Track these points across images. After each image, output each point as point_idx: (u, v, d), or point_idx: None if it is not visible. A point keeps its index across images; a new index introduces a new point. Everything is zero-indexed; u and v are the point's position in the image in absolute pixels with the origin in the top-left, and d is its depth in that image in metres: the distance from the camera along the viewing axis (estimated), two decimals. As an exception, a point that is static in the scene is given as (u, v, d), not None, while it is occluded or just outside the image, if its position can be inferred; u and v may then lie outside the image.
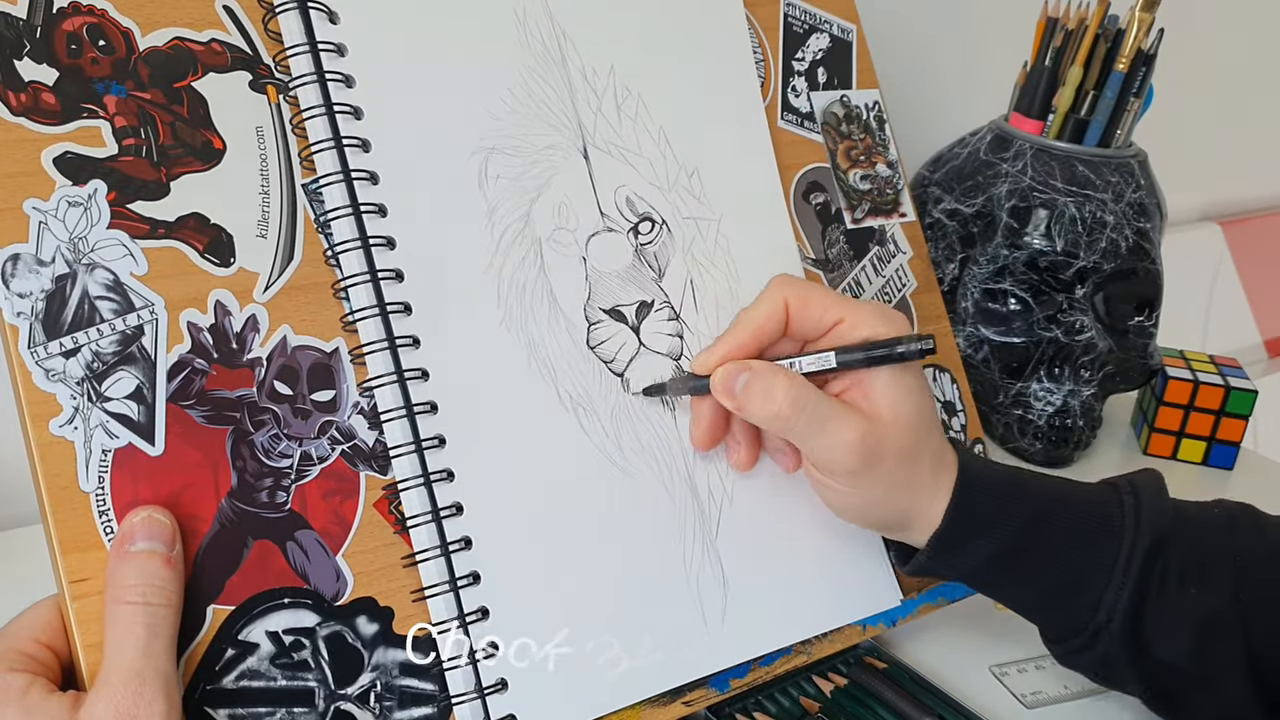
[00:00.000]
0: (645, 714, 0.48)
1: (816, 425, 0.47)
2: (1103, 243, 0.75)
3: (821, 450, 0.48)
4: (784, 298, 0.49)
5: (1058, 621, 0.51)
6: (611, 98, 0.53)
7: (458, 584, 0.45)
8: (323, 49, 0.46)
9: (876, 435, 0.47)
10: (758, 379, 0.48)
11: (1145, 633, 0.49)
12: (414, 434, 0.45)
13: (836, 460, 0.48)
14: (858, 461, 0.47)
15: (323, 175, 0.45)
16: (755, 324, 0.49)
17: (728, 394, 0.48)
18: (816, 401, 0.47)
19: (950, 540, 0.49)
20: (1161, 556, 0.48)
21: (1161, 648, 0.49)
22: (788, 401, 0.47)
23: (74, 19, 0.42)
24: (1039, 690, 0.58)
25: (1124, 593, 0.48)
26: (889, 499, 0.49)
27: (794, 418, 0.47)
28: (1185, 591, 0.48)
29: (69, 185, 0.41)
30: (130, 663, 0.37)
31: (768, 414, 0.47)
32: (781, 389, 0.47)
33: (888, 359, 0.47)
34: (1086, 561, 0.49)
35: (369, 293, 0.45)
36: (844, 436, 0.47)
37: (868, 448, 0.47)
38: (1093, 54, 0.75)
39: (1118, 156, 0.76)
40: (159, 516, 0.40)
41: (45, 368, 0.40)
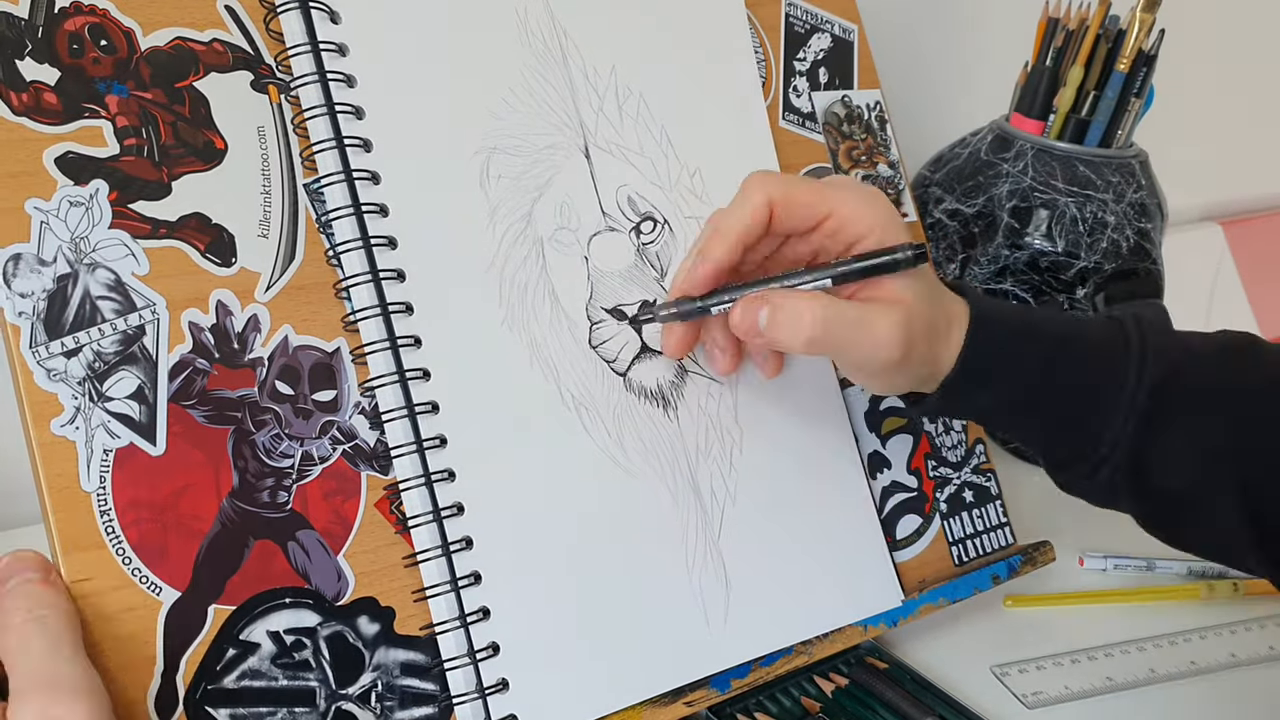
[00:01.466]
0: (646, 714, 0.48)
1: (851, 337, 0.46)
2: (1104, 243, 0.75)
3: (862, 355, 0.47)
4: (767, 198, 0.47)
5: (1060, 456, 0.52)
6: (613, 97, 0.53)
7: (459, 584, 0.45)
8: (324, 49, 0.46)
9: (907, 321, 0.47)
10: (780, 311, 0.46)
11: (1146, 464, 0.49)
12: (415, 434, 0.45)
13: (877, 357, 0.47)
14: (901, 349, 0.47)
15: (324, 175, 0.45)
16: (739, 233, 0.47)
17: (753, 332, 0.47)
18: (844, 312, 0.46)
19: (961, 385, 0.50)
20: (1165, 394, 0.49)
21: (1161, 476, 0.49)
22: (819, 326, 0.45)
23: (76, 19, 0.42)
24: (1040, 691, 0.58)
25: (1127, 429, 0.49)
26: (920, 366, 0.49)
27: (828, 336, 0.46)
28: (1186, 427, 0.49)
29: (71, 185, 0.41)
30: (38, 669, 0.36)
31: (801, 342, 0.46)
32: (808, 314, 0.45)
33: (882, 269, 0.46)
34: (1092, 402, 0.50)
35: (370, 292, 0.45)
36: (880, 334, 0.46)
37: (905, 337, 0.46)
38: (1094, 54, 0.75)
39: (1119, 157, 0.76)
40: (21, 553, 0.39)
41: (47, 367, 0.40)
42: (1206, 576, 0.70)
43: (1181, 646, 0.63)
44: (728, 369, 0.52)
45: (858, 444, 0.58)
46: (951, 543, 0.61)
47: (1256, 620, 0.67)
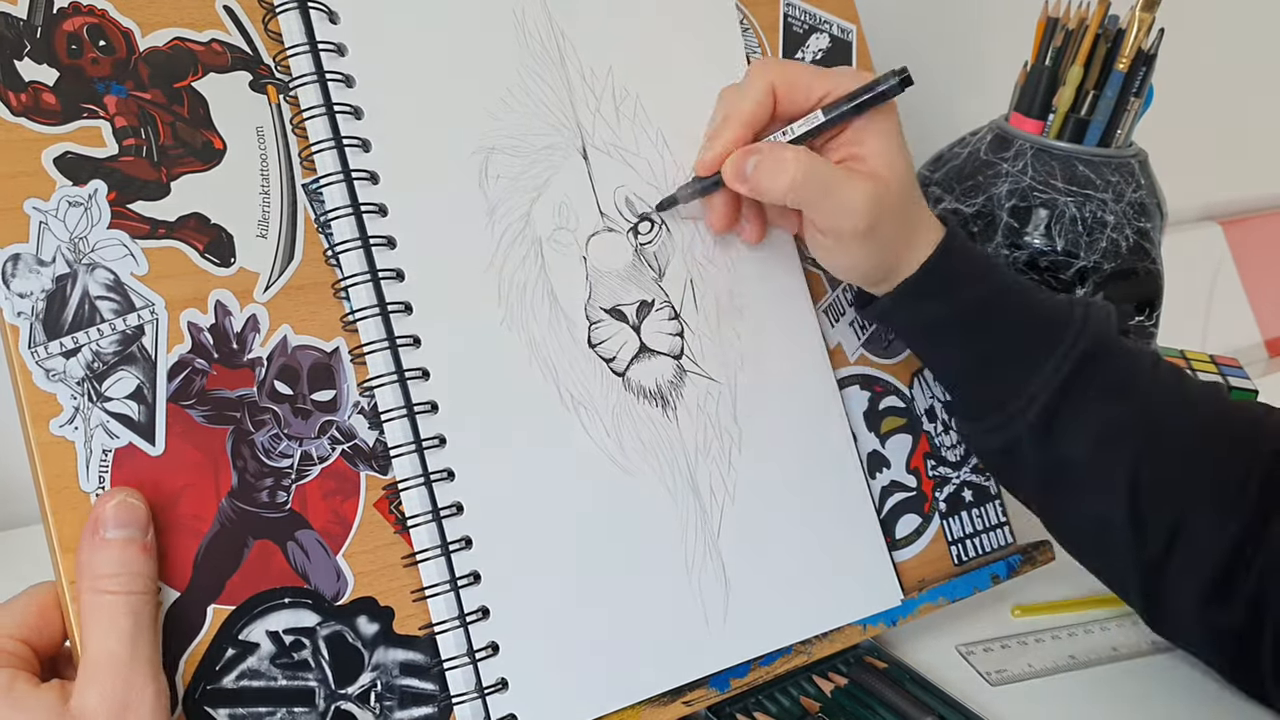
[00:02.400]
0: (645, 714, 0.48)
1: (827, 189, 0.49)
2: (1103, 242, 0.75)
3: (832, 214, 0.50)
4: (769, 82, 0.51)
5: (979, 398, 0.55)
6: (610, 98, 0.53)
7: (458, 584, 0.45)
8: (323, 49, 0.46)
9: (881, 195, 0.50)
10: (766, 159, 0.49)
11: (1055, 427, 0.52)
12: (414, 434, 0.45)
13: (846, 222, 0.50)
14: (867, 220, 0.50)
15: (323, 175, 0.45)
16: (746, 115, 0.51)
17: (740, 179, 0.50)
18: (825, 168, 0.50)
19: (918, 290, 0.53)
20: (1091, 366, 0.52)
21: (1065, 444, 0.52)
22: (800, 171, 0.49)
23: (74, 19, 0.42)
24: (1003, 669, 0.60)
25: (1048, 387, 0.52)
26: (882, 252, 0.52)
27: (806, 186, 0.49)
28: (1103, 399, 0.52)
29: (69, 185, 0.41)
30: (117, 652, 0.37)
31: (781, 187, 0.49)
32: (790, 162, 0.49)
33: (872, 100, 0.49)
34: (1026, 350, 0.53)
35: (369, 292, 0.45)
36: (854, 198, 0.49)
37: (874, 207, 0.49)
38: (1093, 54, 0.75)
39: (1118, 156, 0.76)
40: (132, 500, 0.39)
41: (46, 368, 0.40)
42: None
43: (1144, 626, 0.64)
44: (755, 235, 0.55)
45: (856, 443, 0.58)
46: (951, 542, 0.61)
47: None
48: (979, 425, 0.56)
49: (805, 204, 0.50)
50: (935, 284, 0.53)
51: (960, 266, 0.53)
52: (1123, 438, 0.52)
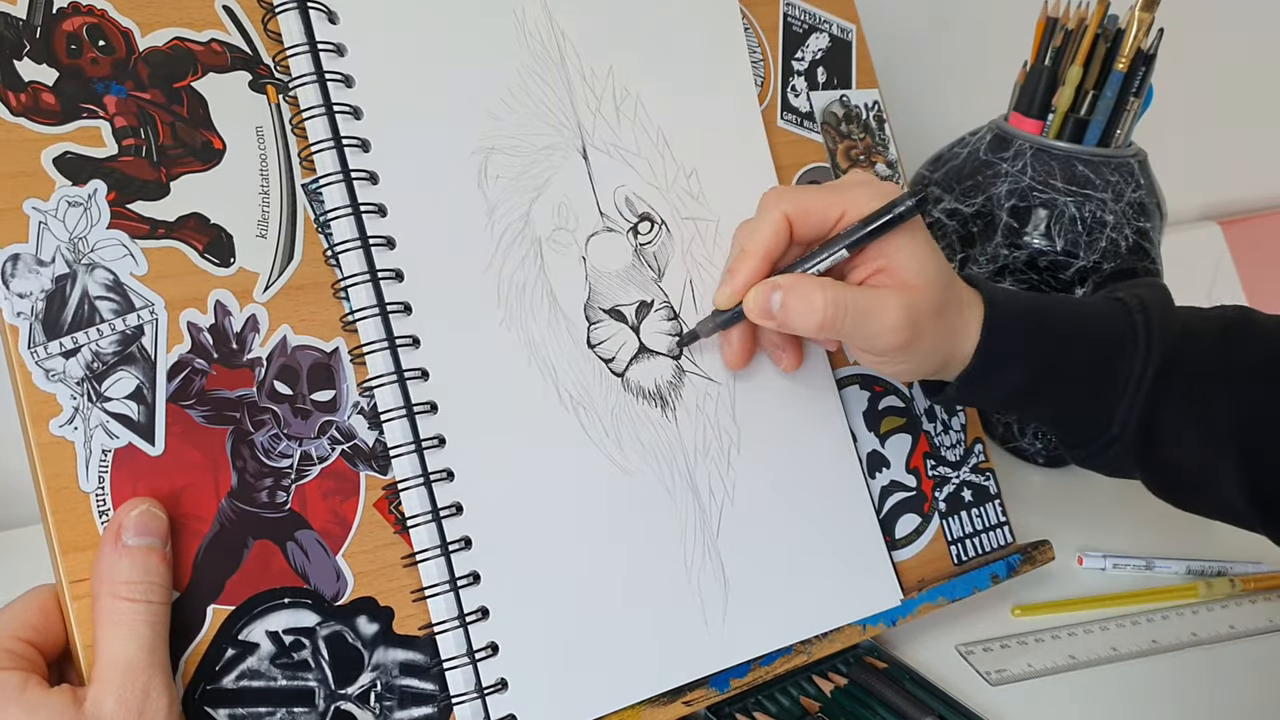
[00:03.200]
0: (645, 714, 0.48)
1: (861, 318, 0.49)
2: (1103, 242, 0.75)
3: (871, 338, 0.49)
4: (783, 213, 0.50)
5: (1073, 435, 0.55)
6: (610, 98, 0.53)
7: (458, 584, 0.45)
8: (322, 49, 0.46)
9: (915, 305, 0.49)
10: (792, 294, 0.48)
11: (1152, 440, 0.52)
12: (414, 434, 0.45)
13: (886, 341, 0.49)
14: (905, 336, 0.49)
15: (322, 175, 0.45)
16: (764, 247, 0.50)
17: (766, 316, 0.49)
18: (854, 296, 0.49)
19: (978, 375, 0.52)
20: (1168, 374, 0.51)
21: (1167, 450, 0.52)
22: (831, 307, 0.48)
23: (74, 19, 0.42)
24: (1003, 669, 0.60)
25: (1134, 411, 0.52)
26: (933, 353, 0.51)
27: (839, 320, 0.48)
28: (1188, 404, 0.51)
29: (69, 185, 0.41)
30: (134, 659, 0.37)
31: (813, 324, 0.48)
32: (819, 297, 0.48)
33: (888, 224, 0.48)
34: (1100, 387, 0.52)
35: (369, 292, 0.45)
36: (889, 319, 0.49)
37: (911, 320, 0.49)
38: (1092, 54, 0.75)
39: (1117, 156, 0.76)
40: (155, 511, 0.40)
41: (45, 368, 0.40)
42: (1205, 575, 0.70)
43: (1143, 626, 0.64)
44: (792, 364, 0.54)
45: (856, 443, 0.58)
46: (950, 542, 0.61)
47: (1218, 601, 0.68)
48: (1079, 454, 0.56)
49: (840, 334, 0.49)
50: (988, 366, 0.52)
51: (1006, 342, 0.52)
52: (1222, 429, 0.51)
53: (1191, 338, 0.52)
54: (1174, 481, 0.55)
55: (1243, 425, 0.51)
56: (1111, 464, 0.55)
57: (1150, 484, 0.56)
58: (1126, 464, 0.54)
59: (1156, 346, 0.52)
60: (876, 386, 0.60)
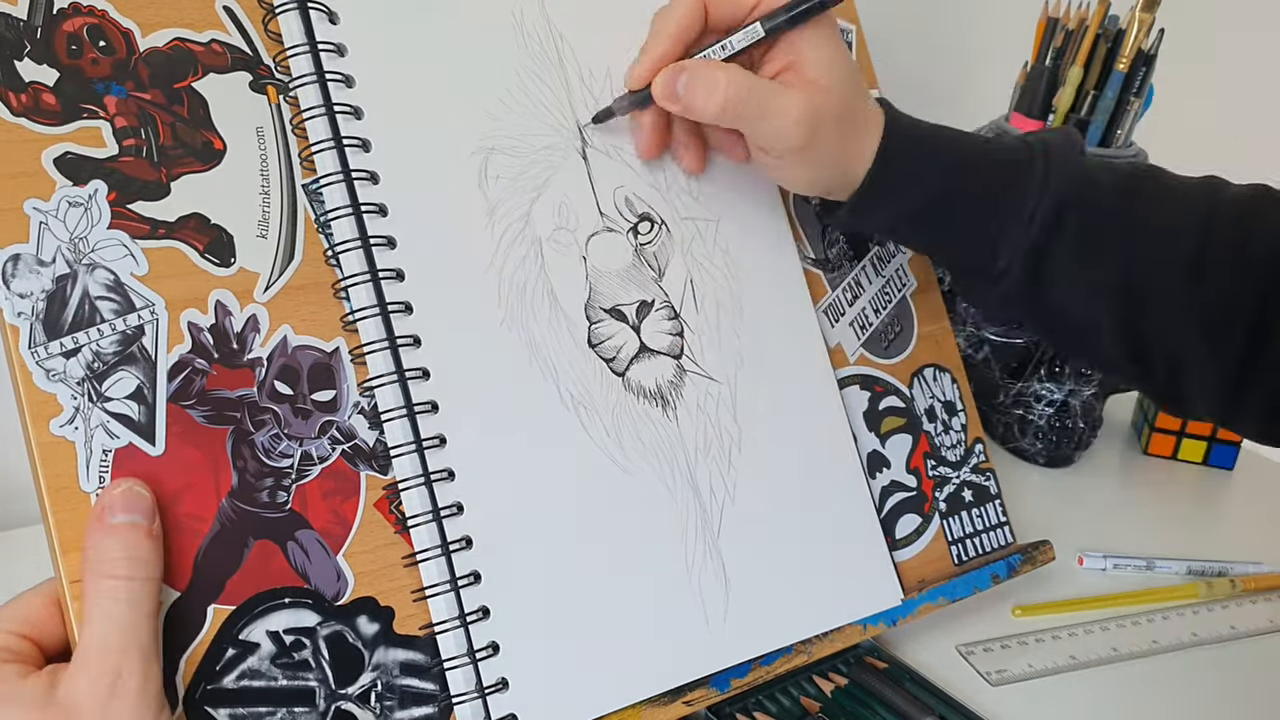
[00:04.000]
0: (645, 714, 0.48)
1: (761, 107, 0.48)
2: (1103, 242, 0.74)
3: (769, 131, 0.49)
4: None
5: (962, 271, 0.55)
6: (609, 99, 0.53)
7: (458, 584, 0.45)
8: (323, 49, 0.46)
9: (817, 104, 0.48)
10: (696, 77, 0.48)
11: (1041, 279, 0.51)
12: (414, 433, 0.45)
13: (784, 137, 0.49)
14: (805, 135, 0.48)
15: (323, 175, 0.45)
16: (677, 27, 0.49)
17: (670, 98, 0.49)
18: (757, 84, 0.48)
19: (872, 194, 0.51)
20: (1062, 215, 0.50)
21: (1055, 294, 0.52)
22: (731, 89, 0.48)
23: (74, 20, 0.42)
24: (1003, 669, 0.60)
25: (1023, 243, 0.51)
26: (830, 165, 0.50)
27: (739, 104, 0.48)
28: (1078, 252, 0.51)
29: (69, 186, 0.41)
30: (109, 638, 0.37)
31: (714, 106, 0.48)
32: (722, 80, 0.48)
33: (809, 11, 0.48)
34: (993, 214, 0.51)
35: (369, 292, 0.45)
36: (790, 113, 0.48)
37: (811, 119, 0.48)
38: (1093, 54, 0.75)
39: (1118, 156, 0.76)
40: (139, 489, 0.39)
41: (46, 368, 0.40)
42: (1205, 575, 0.70)
43: (1144, 626, 0.64)
44: (695, 164, 0.54)
45: (856, 443, 0.58)
46: (951, 542, 0.61)
47: (1219, 601, 0.68)
48: (969, 284, 0.55)
49: (741, 123, 0.49)
50: (884, 186, 0.51)
51: (904, 161, 0.51)
52: (1105, 293, 0.51)
53: (1092, 185, 0.51)
54: (1059, 330, 0.54)
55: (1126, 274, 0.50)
56: (1002, 299, 0.54)
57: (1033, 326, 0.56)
58: (1012, 304, 0.53)
59: (1054, 185, 0.51)
60: (877, 387, 0.60)
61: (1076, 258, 0.51)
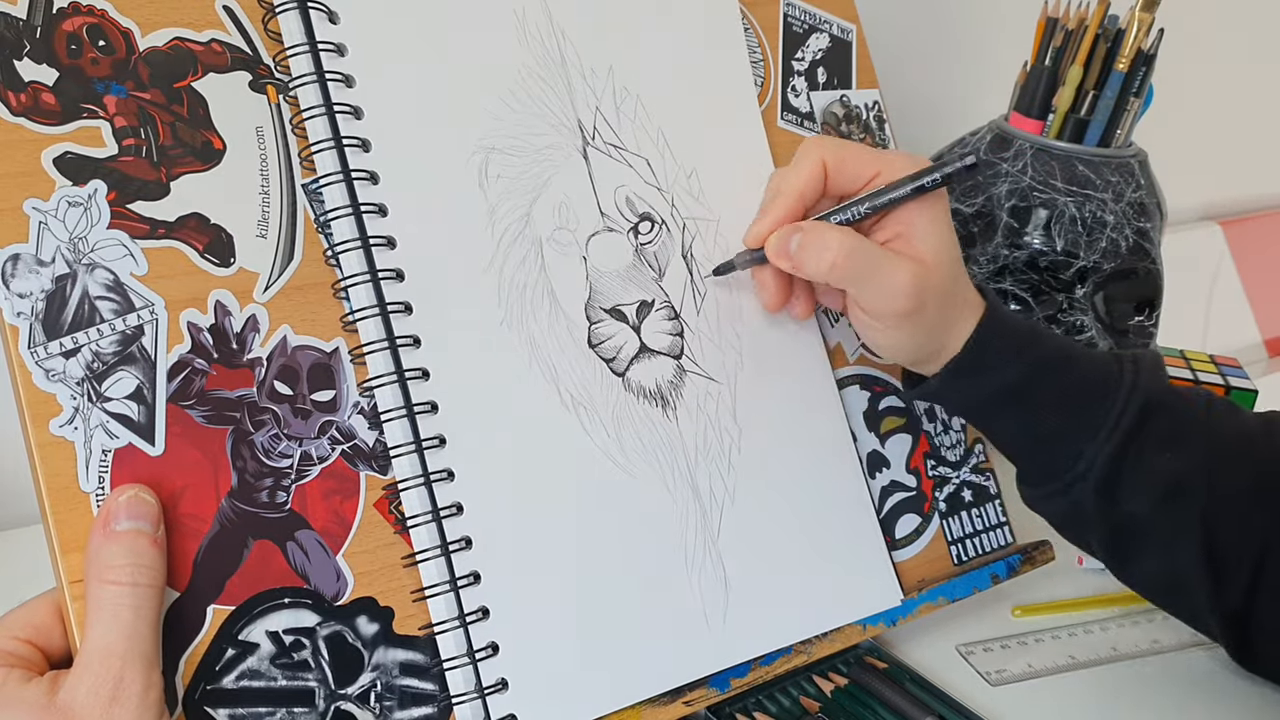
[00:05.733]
0: (645, 714, 0.48)
1: (870, 271, 0.49)
2: (1103, 242, 0.75)
3: (875, 295, 0.50)
4: (821, 158, 0.51)
5: (1038, 465, 0.55)
6: (610, 98, 0.53)
7: (458, 584, 0.45)
8: (323, 49, 0.46)
9: (924, 278, 0.50)
10: (810, 236, 0.50)
11: (1118, 487, 0.52)
12: (414, 434, 0.45)
13: (889, 304, 0.50)
14: (910, 303, 0.49)
15: (323, 175, 0.45)
16: (797, 190, 0.51)
17: (783, 255, 0.50)
18: (867, 249, 0.49)
19: (963, 370, 0.52)
20: (1149, 421, 0.52)
21: (1129, 500, 0.52)
22: (842, 252, 0.49)
23: (74, 19, 0.42)
24: (1003, 669, 0.60)
25: (1106, 448, 0.51)
26: (928, 337, 0.52)
27: (848, 266, 0.49)
28: (1161, 454, 0.51)
29: (69, 185, 0.41)
30: (112, 644, 0.37)
31: (824, 266, 0.49)
32: (835, 241, 0.49)
33: (936, 184, 0.49)
34: (1080, 414, 0.52)
35: (369, 292, 0.45)
36: (897, 280, 0.49)
37: (918, 290, 0.49)
38: (1093, 54, 0.75)
39: (1118, 156, 0.76)
40: (144, 496, 0.39)
41: (45, 368, 0.40)
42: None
43: (1144, 626, 0.64)
44: (803, 312, 0.55)
45: (856, 443, 0.58)
46: (950, 542, 0.61)
47: None
48: (1039, 491, 0.55)
49: (848, 284, 0.50)
50: (977, 363, 0.52)
51: (1000, 343, 0.52)
52: (1187, 491, 0.51)
53: (1178, 394, 0.53)
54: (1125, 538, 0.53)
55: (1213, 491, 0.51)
56: (1071, 509, 0.54)
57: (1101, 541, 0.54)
58: (1085, 510, 0.53)
59: (1142, 388, 0.52)
60: (876, 387, 0.60)
61: (1158, 457, 0.51)
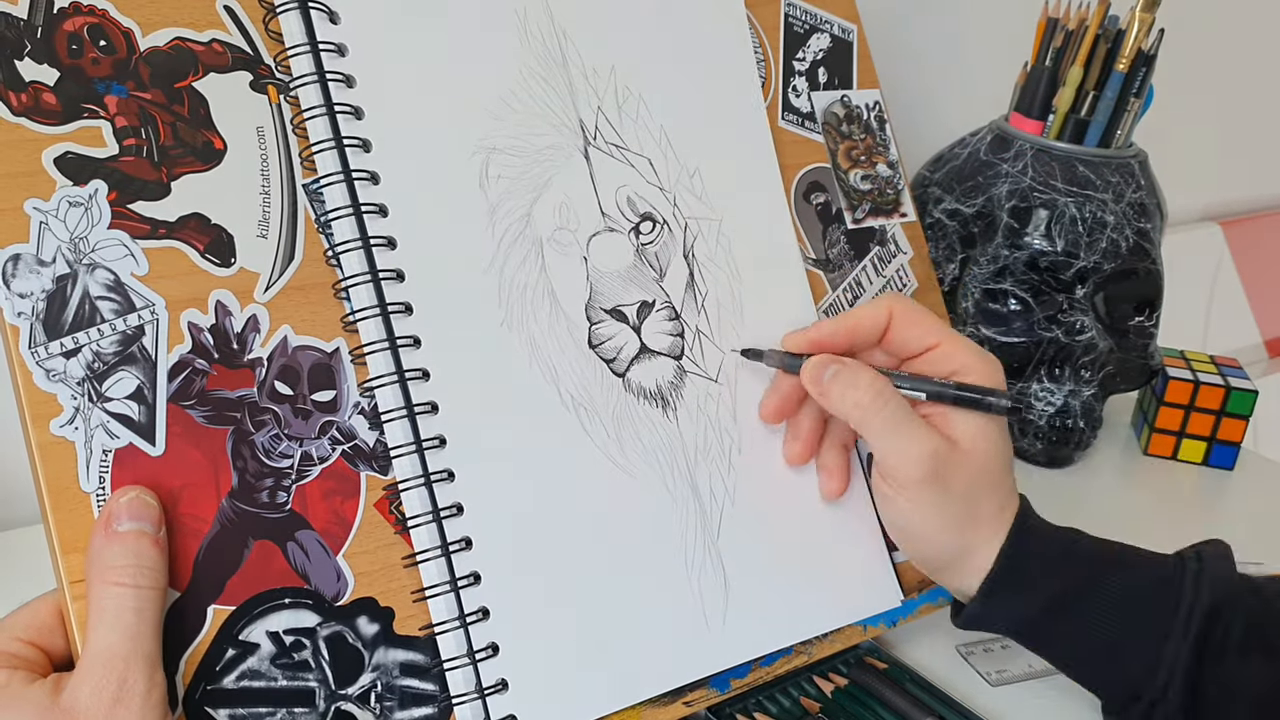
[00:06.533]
0: (645, 714, 0.48)
1: (892, 424, 0.48)
2: (1103, 243, 0.75)
3: (892, 452, 0.48)
4: (889, 307, 0.51)
5: (1112, 688, 0.50)
6: (612, 98, 0.53)
7: (458, 584, 0.45)
8: (323, 49, 0.46)
9: (948, 456, 0.48)
10: (846, 370, 0.49)
11: (1203, 703, 0.47)
12: (414, 434, 0.45)
13: (904, 466, 0.48)
14: (925, 472, 0.48)
15: (323, 175, 0.45)
16: (853, 319, 0.51)
17: (815, 381, 0.50)
18: (898, 404, 0.48)
19: (1001, 586, 0.49)
20: (1221, 621, 0.47)
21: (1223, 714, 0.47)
22: (870, 392, 0.48)
23: (75, 19, 0.42)
24: (1003, 669, 0.60)
25: (1180, 657, 0.47)
26: (947, 529, 0.49)
27: (873, 411, 0.48)
28: (1246, 660, 0.47)
29: (70, 185, 0.41)
30: (115, 645, 0.37)
31: (850, 402, 0.48)
32: (866, 380, 0.48)
33: (975, 406, 0.49)
34: (1139, 623, 0.48)
35: (370, 293, 0.45)
36: (917, 444, 0.48)
37: (937, 463, 0.48)
38: (1093, 54, 0.75)
39: (1118, 157, 0.76)
40: (146, 498, 0.39)
41: (46, 368, 0.40)
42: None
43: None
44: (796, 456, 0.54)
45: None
46: (951, 543, 0.61)
47: None
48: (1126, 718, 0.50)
49: (866, 431, 0.49)
50: (1011, 582, 0.49)
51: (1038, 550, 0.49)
52: None
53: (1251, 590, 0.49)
54: None
55: None
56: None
57: None
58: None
59: (1207, 588, 0.47)
60: (877, 387, 0.60)
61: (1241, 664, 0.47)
